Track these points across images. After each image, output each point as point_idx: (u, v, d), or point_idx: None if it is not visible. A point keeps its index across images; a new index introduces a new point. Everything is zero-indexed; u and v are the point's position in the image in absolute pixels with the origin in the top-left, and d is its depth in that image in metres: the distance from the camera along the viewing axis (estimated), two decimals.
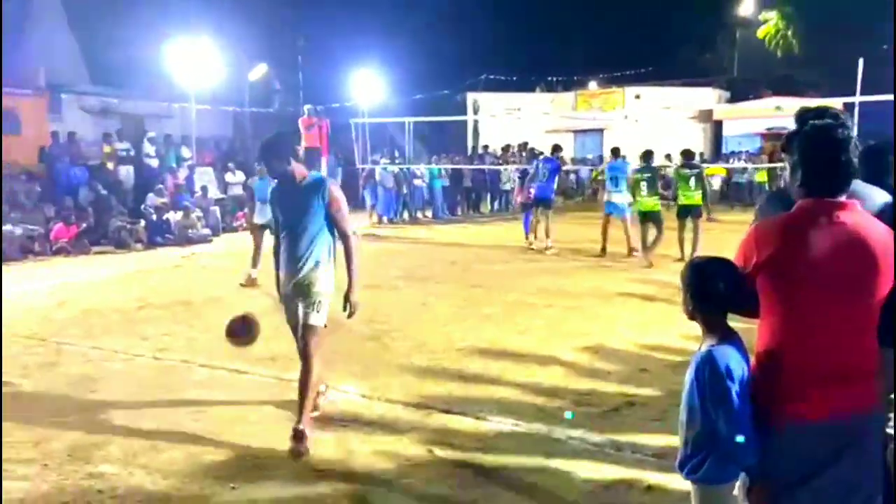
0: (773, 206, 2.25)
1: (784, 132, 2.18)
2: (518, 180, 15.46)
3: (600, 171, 11.80)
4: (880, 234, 1.97)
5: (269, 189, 4.33)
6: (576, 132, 27.77)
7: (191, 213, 13.60)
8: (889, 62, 16.75)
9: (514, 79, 27.74)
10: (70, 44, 23.95)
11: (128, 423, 4.30)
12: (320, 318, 4.04)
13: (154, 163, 15.79)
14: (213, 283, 9.11)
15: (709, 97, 27.25)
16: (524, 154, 19.45)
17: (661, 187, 11.32)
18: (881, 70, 15.76)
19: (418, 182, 17.87)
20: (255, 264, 8.86)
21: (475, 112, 26.73)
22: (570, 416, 4.37)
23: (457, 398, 4.71)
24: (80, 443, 4.02)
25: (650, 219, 10.37)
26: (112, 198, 14.03)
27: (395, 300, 7.88)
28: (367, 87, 18.74)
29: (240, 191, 16.59)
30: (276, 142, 4.14)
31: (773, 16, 31.57)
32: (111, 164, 15.32)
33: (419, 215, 18.14)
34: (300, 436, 3.82)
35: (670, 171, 11.32)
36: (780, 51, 31.67)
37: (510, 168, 19.39)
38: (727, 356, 2.02)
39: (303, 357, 4.03)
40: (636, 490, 3.43)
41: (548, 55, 30.44)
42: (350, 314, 4.04)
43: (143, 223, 13.16)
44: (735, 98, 27.82)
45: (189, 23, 18.21)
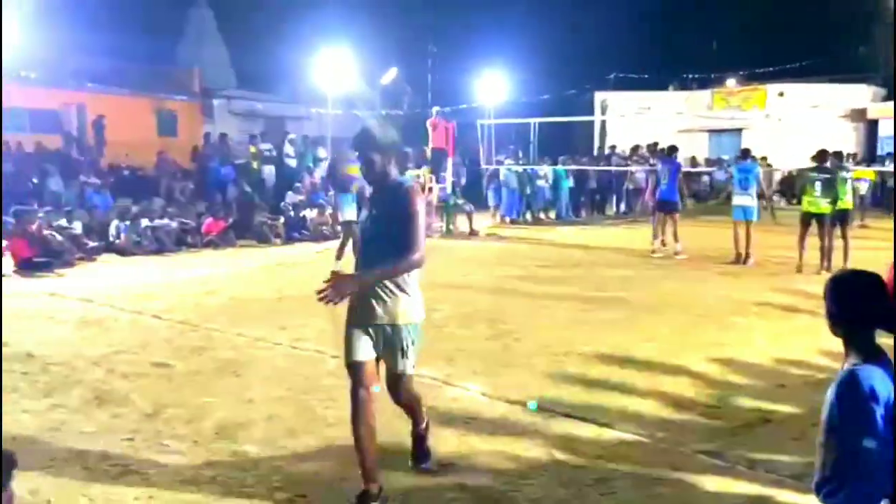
0: None
1: None
2: (647, 183, 15.04)
3: (729, 173, 11.25)
4: None
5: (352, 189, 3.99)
6: (711, 132, 26.56)
7: (325, 211, 14.29)
8: None
9: (645, 77, 26.91)
10: (220, 51, 25.84)
11: (268, 407, 4.62)
12: (410, 364, 3.41)
13: (293, 163, 16.73)
14: None
15: (862, 94, 25.20)
16: (651, 155, 18.87)
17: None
18: None
19: (541, 183, 17.79)
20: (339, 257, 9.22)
21: (603, 112, 26.20)
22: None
23: (578, 403, 4.68)
24: (225, 422, 4.36)
25: (818, 222, 9.64)
26: (256, 195, 15.02)
27: (517, 301, 7.92)
28: (494, 87, 18.87)
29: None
30: (379, 133, 3.32)
31: None
32: (256, 164, 16.39)
33: (542, 216, 18.06)
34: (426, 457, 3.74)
35: (844, 174, 10.45)
36: None
37: (637, 169, 18.88)
38: (871, 376, 1.91)
39: (398, 402, 3.61)
40: None
41: (682, 51, 29.26)
42: (325, 285, 3.09)
43: (282, 219, 13.99)
44: (893, 95, 25.53)
45: (328, 30, 19.12)
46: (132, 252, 11.60)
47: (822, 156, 10.06)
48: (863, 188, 17.25)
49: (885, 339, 2.01)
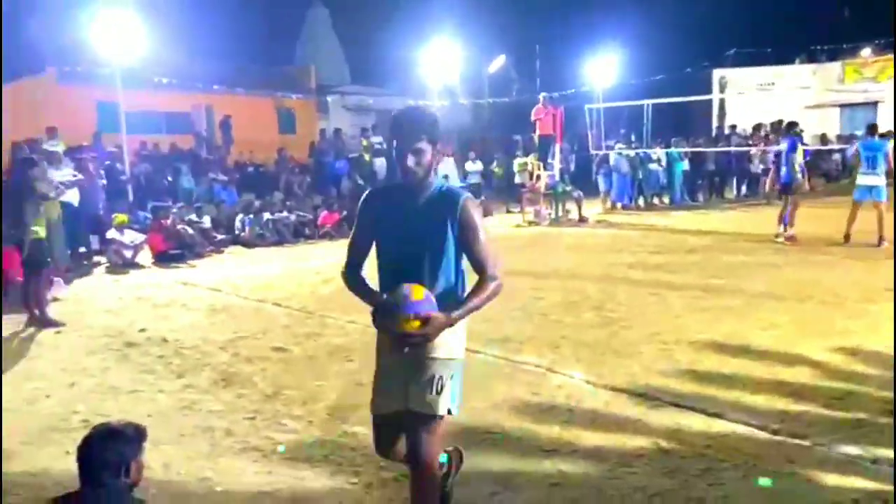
0: None
1: None
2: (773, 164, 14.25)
3: (854, 150, 10.56)
4: None
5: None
6: (842, 106, 24.69)
7: None
8: None
9: (768, 51, 25.36)
10: (335, 49, 26.78)
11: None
12: (443, 403, 2.63)
13: None
14: None
15: None
16: (774, 134, 17.79)
17: None
18: None
19: (653, 166, 17.21)
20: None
21: (722, 90, 24.95)
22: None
23: (687, 392, 4.56)
24: (337, 404, 4.59)
25: None
26: (368, 187, 15.50)
27: (626, 288, 7.76)
28: (604, 70, 18.41)
29: (478, 179, 17.34)
30: (431, 116, 2.68)
31: None
32: (368, 157, 16.91)
33: (655, 201, 17.49)
34: None
35: None
36: None
37: (759, 150, 17.87)
38: None
39: (414, 462, 2.65)
40: None
41: (810, 21, 27.30)
42: (417, 330, 2.48)
43: None
44: None
45: (437, 22, 19.35)
46: (255, 244, 12.32)
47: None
48: None
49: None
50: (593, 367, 5.10)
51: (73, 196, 9.95)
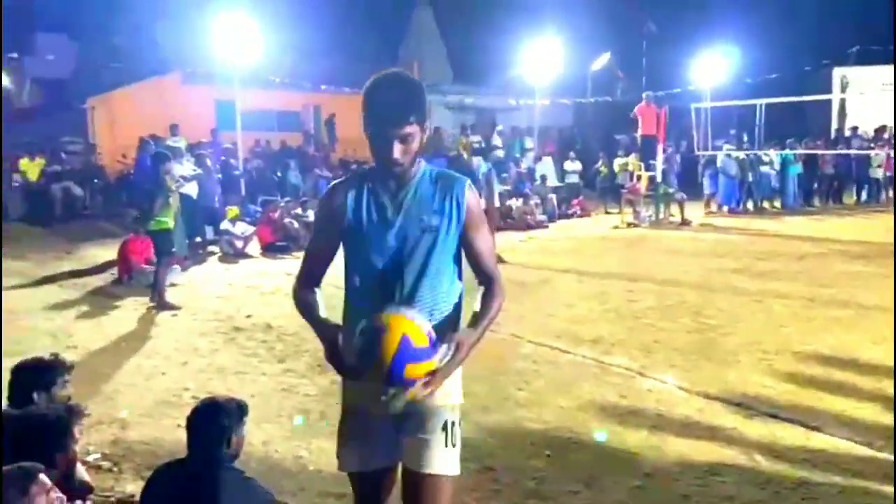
0: None
1: None
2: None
3: None
4: None
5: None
6: None
7: (530, 200, 14.49)
8: None
9: (893, 48, 23.58)
10: (438, 48, 27.15)
11: (464, 383, 4.89)
12: (453, 460, 2.12)
13: (500, 153, 17.16)
14: (546, 266, 9.65)
15: None
16: None
17: None
18: None
19: (765, 169, 16.41)
20: None
21: (843, 89, 23.45)
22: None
23: (786, 404, 4.38)
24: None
25: None
26: None
27: (728, 295, 7.49)
28: (713, 68, 17.73)
29: (576, 179, 17.14)
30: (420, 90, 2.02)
31: None
32: (466, 155, 17.06)
33: (765, 205, 16.69)
34: None
35: None
36: None
37: (882, 153, 16.69)
38: None
39: None
40: None
41: None
42: (437, 370, 1.90)
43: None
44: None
45: (542, 19, 19.27)
46: None
47: None
48: None
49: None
50: (687, 374, 4.99)
51: (192, 189, 10.63)
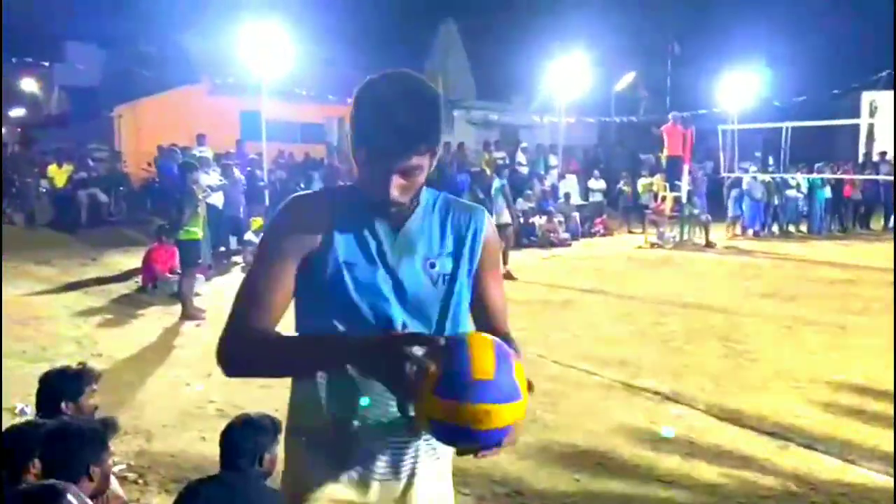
0: None
1: None
2: None
3: None
4: None
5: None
6: None
7: (553, 218, 14.43)
8: None
9: None
10: (463, 63, 27.27)
11: None
12: None
13: (524, 170, 17.13)
14: (570, 286, 9.57)
15: None
16: None
17: None
18: None
19: (792, 192, 16.23)
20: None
21: (871, 114, 23.21)
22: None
23: (820, 435, 4.28)
24: None
25: None
26: (488, 201, 15.61)
27: (756, 320, 7.37)
28: (740, 90, 17.62)
29: (600, 197, 17.05)
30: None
31: None
32: (489, 171, 17.04)
33: (791, 229, 16.50)
34: None
35: None
36: None
37: None
38: None
39: None
40: None
41: None
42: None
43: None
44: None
45: (566, 37, 19.28)
46: None
47: None
48: None
49: None
50: (717, 400, 4.89)
51: (217, 199, 10.70)
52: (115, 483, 2.65)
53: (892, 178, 17.15)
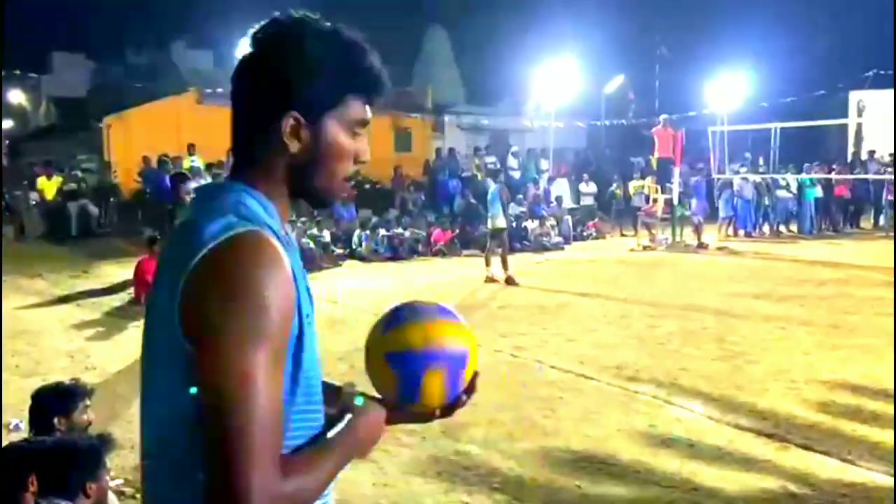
0: None
1: None
2: None
3: None
4: None
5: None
6: None
7: (546, 222, 14.44)
8: None
9: None
10: (452, 69, 27.35)
11: (490, 411, 4.82)
12: None
13: (516, 175, 17.16)
14: (564, 289, 9.57)
15: None
16: None
17: None
18: None
19: (782, 193, 16.32)
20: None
21: (859, 114, 23.39)
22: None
23: (819, 435, 4.29)
24: (451, 422, 4.59)
25: None
26: (480, 206, 15.63)
27: (750, 321, 7.39)
28: (728, 92, 17.72)
29: (591, 201, 17.10)
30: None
31: None
32: (480, 176, 17.07)
33: (782, 229, 16.58)
34: None
35: None
36: None
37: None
38: None
39: None
40: None
41: None
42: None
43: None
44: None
45: (554, 41, 19.36)
46: (370, 259, 12.70)
47: None
48: None
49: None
50: (715, 402, 4.90)
51: None
52: (113, 499, 2.62)
53: (881, 176, 17.29)
